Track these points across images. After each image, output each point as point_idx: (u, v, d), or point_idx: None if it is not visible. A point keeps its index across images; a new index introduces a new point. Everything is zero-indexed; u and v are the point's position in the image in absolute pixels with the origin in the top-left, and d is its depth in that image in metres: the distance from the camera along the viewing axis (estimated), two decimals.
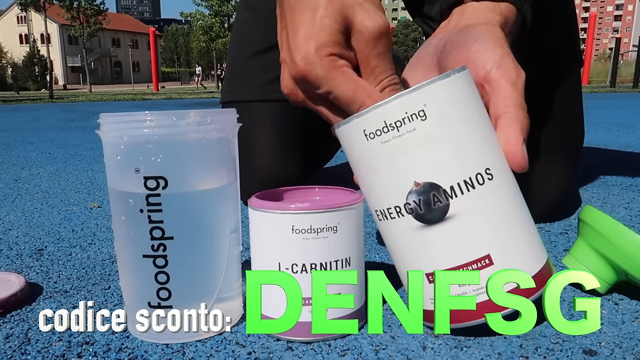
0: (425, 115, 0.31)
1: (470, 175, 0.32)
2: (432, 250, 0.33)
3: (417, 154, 0.31)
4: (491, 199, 0.32)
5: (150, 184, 0.32)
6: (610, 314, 0.38)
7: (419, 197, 0.32)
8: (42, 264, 0.52)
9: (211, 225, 0.35)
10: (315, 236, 0.33)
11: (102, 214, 0.74)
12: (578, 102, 0.67)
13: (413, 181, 0.32)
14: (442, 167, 0.32)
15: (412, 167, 0.32)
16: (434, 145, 0.31)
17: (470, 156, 0.32)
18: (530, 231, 0.34)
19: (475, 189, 0.32)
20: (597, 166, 1.08)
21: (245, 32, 0.77)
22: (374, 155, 0.32)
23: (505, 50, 0.36)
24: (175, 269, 0.33)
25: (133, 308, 0.35)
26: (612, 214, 0.69)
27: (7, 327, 0.38)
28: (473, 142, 0.32)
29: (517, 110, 0.34)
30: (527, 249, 0.34)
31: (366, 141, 0.32)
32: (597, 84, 9.46)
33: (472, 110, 0.33)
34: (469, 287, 0.32)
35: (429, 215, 0.32)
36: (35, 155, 1.43)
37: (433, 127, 0.31)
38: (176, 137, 0.33)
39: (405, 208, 0.32)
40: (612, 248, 0.39)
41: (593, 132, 1.75)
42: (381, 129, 0.31)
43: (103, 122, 0.34)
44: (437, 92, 0.31)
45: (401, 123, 0.31)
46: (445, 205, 0.32)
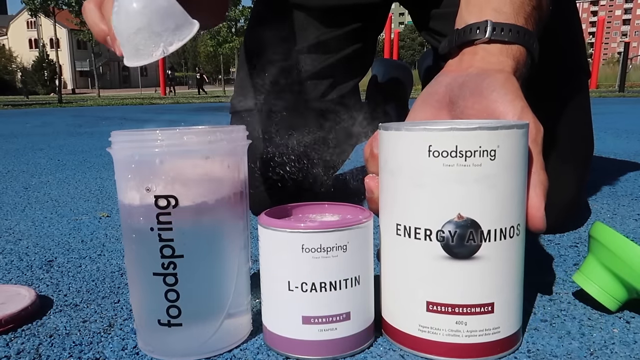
0: (495, 156, 0.31)
1: (507, 225, 0.33)
2: (443, 282, 0.33)
3: (473, 189, 0.32)
4: (511, 254, 0.33)
5: (161, 203, 0.32)
6: (621, 333, 0.38)
7: (456, 230, 0.32)
8: (52, 276, 0.53)
9: (221, 243, 0.35)
10: (325, 255, 0.33)
11: (112, 224, 0.74)
12: (587, 113, 0.67)
13: (457, 212, 0.32)
14: (489, 210, 0.32)
15: (462, 199, 0.32)
16: (491, 187, 0.32)
17: (513, 208, 0.33)
18: (521, 293, 0.35)
19: (505, 239, 0.33)
20: (607, 175, 1.07)
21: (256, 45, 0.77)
22: (428, 173, 0.32)
23: (524, 103, 0.37)
24: (185, 286, 0.34)
25: (143, 325, 0.36)
26: (622, 227, 0.68)
27: (19, 342, 0.38)
28: (518, 197, 0.33)
29: (539, 171, 0.35)
30: (518, 307, 0.35)
31: (427, 156, 0.32)
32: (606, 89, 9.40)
33: (525, 166, 0.33)
34: (464, 326, 0.33)
35: (457, 250, 0.32)
36: (44, 162, 1.44)
37: (497, 170, 0.32)
38: (186, 155, 0.33)
39: (437, 235, 0.32)
40: (622, 265, 0.38)
41: (602, 139, 1.74)
42: (449, 151, 0.31)
43: (115, 140, 0.34)
44: (511, 138, 0.32)
45: (471, 154, 0.31)
46: (476, 245, 0.32)
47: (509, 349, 0.35)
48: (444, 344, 0.33)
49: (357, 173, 1.13)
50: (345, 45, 0.76)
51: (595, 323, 0.40)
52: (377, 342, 0.37)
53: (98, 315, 0.43)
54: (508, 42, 0.41)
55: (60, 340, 0.38)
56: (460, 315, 0.33)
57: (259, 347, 0.37)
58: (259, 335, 0.38)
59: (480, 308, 0.33)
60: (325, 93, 0.75)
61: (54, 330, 0.40)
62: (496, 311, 0.33)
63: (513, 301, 0.34)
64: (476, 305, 0.33)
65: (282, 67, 0.72)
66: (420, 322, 0.34)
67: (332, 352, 0.35)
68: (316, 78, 0.74)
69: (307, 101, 0.74)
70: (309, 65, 0.74)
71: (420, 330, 0.34)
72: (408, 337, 0.35)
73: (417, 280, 0.34)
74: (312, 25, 0.74)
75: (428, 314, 0.33)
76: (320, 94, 0.75)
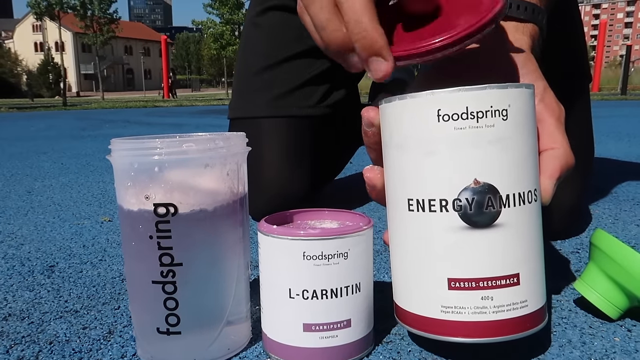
0: (507, 116, 0.30)
1: (524, 190, 0.31)
2: (465, 255, 0.31)
3: (488, 151, 0.30)
4: (532, 220, 0.32)
5: (160, 211, 0.32)
6: (623, 342, 0.38)
7: (473, 197, 0.30)
8: (53, 282, 0.53)
9: (220, 251, 0.35)
10: (327, 262, 0.33)
11: (113, 229, 0.74)
12: (588, 117, 0.67)
13: (473, 178, 0.30)
14: (507, 173, 0.30)
15: (477, 163, 0.30)
16: (506, 148, 0.30)
17: (530, 172, 0.32)
18: (543, 263, 0.34)
19: (524, 205, 0.31)
20: (608, 179, 1.07)
21: (251, 49, 0.77)
22: (439, 139, 0.30)
23: (545, 83, 0.37)
24: (184, 295, 0.33)
25: (142, 333, 0.36)
26: (624, 233, 0.68)
27: (19, 349, 0.38)
28: (532, 160, 0.32)
29: (563, 148, 0.35)
30: (542, 279, 0.33)
31: (437, 122, 0.30)
32: (608, 92, 9.37)
33: (535, 129, 0.32)
34: (490, 302, 0.31)
35: (476, 218, 0.30)
36: (48, 165, 1.45)
37: (511, 130, 0.30)
38: (186, 163, 0.33)
39: (454, 204, 0.30)
40: (624, 273, 0.38)
41: (603, 143, 1.73)
42: (460, 114, 0.30)
43: (114, 148, 0.34)
44: (521, 98, 0.31)
45: (483, 115, 0.30)
46: (496, 212, 0.30)
47: (538, 325, 0.33)
48: (471, 323, 0.31)
49: (357, 178, 1.13)
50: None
51: (597, 331, 0.39)
52: (376, 350, 0.37)
53: (98, 322, 0.43)
54: (523, 19, 0.40)
55: (59, 347, 0.38)
56: (486, 290, 0.31)
57: (258, 354, 0.37)
58: (258, 343, 0.38)
59: (506, 280, 0.31)
60: (322, 98, 0.75)
61: (53, 337, 0.40)
62: (522, 282, 0.31)
63: (538, 271, 0.33)
64: (501, 278, 0.31)
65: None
66: (442, 303, 0.32)
67: (333, 359, 0.34)
68: (314, 84, 0.74)
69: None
70: (305, 71, 0.74)
71: (443, 312, 0.32)
72: (430, 322, 0.32)
73: (436, 256, 0.32)
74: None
75: (450, 293, 0.31)
76: (318, 99, 0.75)
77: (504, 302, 0.31)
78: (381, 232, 0.69)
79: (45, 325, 0.42)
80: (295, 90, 0.73)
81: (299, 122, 0.73)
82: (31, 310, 0.45)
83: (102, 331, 0.41)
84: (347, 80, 0.79)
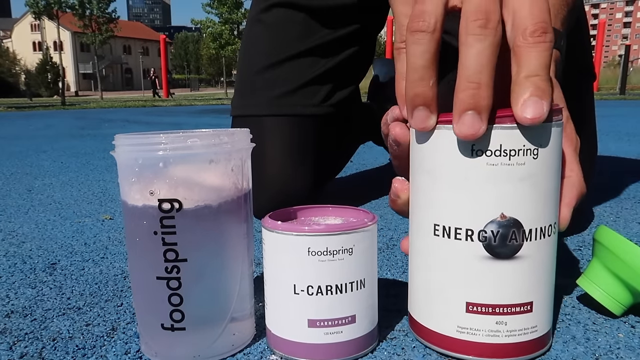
0: (538, 155, 0.31)
1: (546, 224, 0.32)
2: (485, 283, 0.33)
3: (517, 188, 0.31)
4: (548, 252, 0.33)
5: (165, 207, 0.32)
6: (627, 338, 0.38)
7: (499, 230, 0.31)
8: (55, 279, 0.53)
9: (225, 246, 0.35)
10: (331, 258, 0.33)
11: (114, 227, 0.74)
12: (592, 116, 0.67)
13: (500, 212, 0.31)
14: (532, 208, 0.32)
15: (506, 198, 0.31)
16: (534, 185, 0.31)
17: (552, 207, 0.33)
18: (553, 290, 0.35)
19: (544, 238, 0.33)
20: (609, 178, 1.07)
21: (254, 46, 0.77)
22: (471, 173, 0.31)
23: (567, 113, 0.37)
24: (188, 291, 0.33)
25: (146, 329, 0.35)
26: (626, 230, 0.68)
27: (22, 346, 0.38)
28: (555, 195, 0.33)
29: (579, 177, 0.36)
30: (551, 305, 0.35)
31: (470, 156, 0.31)
32: (607, 91, 9.38)
33: (560, 164, 0.33)
34: (504, 326, 0.33)
35: (499, 249, 0.32)
36: (48, 164, 1.45)
37: (540, 168, 0.31)
38: (190, 159, 0.33)
39: (479, 235, 0.32)
40: (627, 269, 0.38)
41: (604, 142, 1.73)
42: (493, 151, 0.31)
43: (118, 143, 0.34)
44: (553, 137, 0.32)
45: (516, 153, 0.31)
46: (518, 245, 0.32)
47: (544, 347, 0.35)
48: (483, 344, 0.33)
49: (358, 176, 1.13)
50: (346, 46, 0.76)
51: (600, 327, 0.39)
52: (380, 347, 0.37)
53: (101, 319, 0.43)
54: None
55: (63, 343, 0.38)
56: (501, 315, 0.33)
57: (262, 351, 0.37)
58: (263, 339, 0.38)
59: (520, 307, 0.33)
60: (326, 98, 0.75)
61: (57, 333, 0.40)
62: (535, 310, 0.33)
63: (548, 299, 0.34)
64: (516, 305, 0.33)
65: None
66: (458, 323, 0.34)
67: (338, 355, 0.34)
68: (317, 83, 0.74)
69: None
70: (309, 70, 0.74)
71: (458, 332, 0.34)
72: (445, 339, 0.34)
73: (457, 281, 0.33)
74: (314, 27, 0.74)
75: (467, 315, 0.33)
76: (322, 98, 0.75)
77: (516, 327, 0.33)
78: (383, 230, 0.69)
79: (48, 322, 0.42)
80: (299, 89, 0.74)
81: (302, 121, 0.73)
82: (34, 308, 0.45)
83: (106, 328, 0.41)
84: (349, 79, 0.79)
